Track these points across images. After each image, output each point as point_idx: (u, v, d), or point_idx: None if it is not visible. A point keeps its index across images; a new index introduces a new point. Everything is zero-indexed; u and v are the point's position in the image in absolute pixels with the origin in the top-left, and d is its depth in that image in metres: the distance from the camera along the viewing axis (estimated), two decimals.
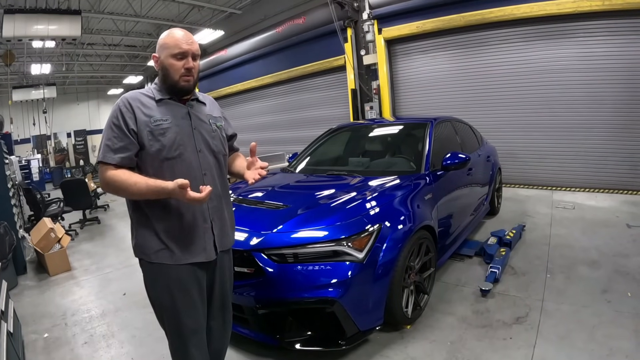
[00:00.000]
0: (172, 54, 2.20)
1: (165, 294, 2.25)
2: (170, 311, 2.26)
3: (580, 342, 3.22)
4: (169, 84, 2.24)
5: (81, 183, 9.45)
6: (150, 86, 2.34)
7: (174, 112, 2.25)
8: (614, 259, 4.79)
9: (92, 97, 27.72)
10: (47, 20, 11.02)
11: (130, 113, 2.15)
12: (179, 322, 2.26)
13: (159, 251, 2.19)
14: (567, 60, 8.17)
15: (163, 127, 2.18)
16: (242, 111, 16.66)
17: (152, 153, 2.15)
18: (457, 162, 4.47)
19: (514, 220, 6.42)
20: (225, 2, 13.76)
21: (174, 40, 2.21)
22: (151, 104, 2.22)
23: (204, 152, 2.30)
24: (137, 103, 2.19)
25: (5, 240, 5.38)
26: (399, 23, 10.31)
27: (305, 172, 5.26)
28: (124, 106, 2.16)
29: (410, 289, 3.61)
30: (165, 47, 2.22)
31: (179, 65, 2.20)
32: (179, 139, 2.20)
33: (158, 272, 2.23)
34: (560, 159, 8.54)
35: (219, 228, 2.37)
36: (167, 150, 2.17)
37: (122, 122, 2.13)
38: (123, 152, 2.12)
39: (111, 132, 2.14)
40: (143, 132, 2.14)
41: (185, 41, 2.20)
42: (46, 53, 16.51)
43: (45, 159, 23.66)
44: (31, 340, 4.07)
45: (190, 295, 2.26)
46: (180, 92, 2.27)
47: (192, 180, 2.16)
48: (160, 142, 2.16)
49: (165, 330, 2.35)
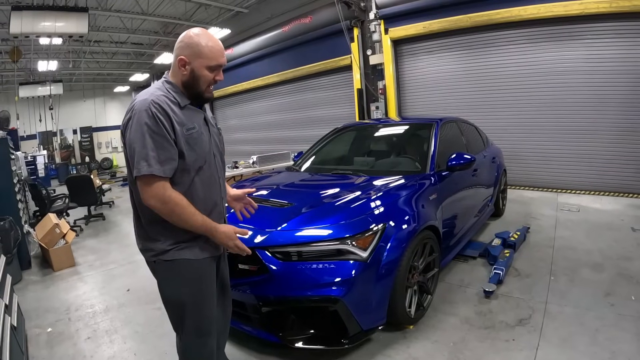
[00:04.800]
0: (208, 65, 2.13)
1: (186, 290, 2.22)
2: (192, 306, 2.24)
3: (583, 345, 3.21)
4: (195, 92, 2.18)
5: (87, 179, 9.49)
6: (163, 87, 2.17)
7: (197, 119, 2.20)
8: (617, 262, 4.78)
9: (99, 95, 27.80)
10: (54, 17, 11.05)
11: (167, 120, 2.02)
12: (200, 315, 2.26)
13: (182, 249, 2.16)
14: (573, 62, 8.15)
15: (194, 136, 2.13)
16: (248, 110, 16.70)
17: (189, 163, 2.11)
18: (462, 163, 4.46)
19: (518, 222, 6.41)
20: (232, 1, 13.76)
21: (212, 52, 2.13)
22: (178, 110, 2.11)
23: (217, 157, 2.33)
24: (169, 109, 2.05)
25: (10, 235, 5.40)
26: (405, 23, 10.31)
27: (310, 171, 5.27)
28: (160, 112, 2.01)
29: (414, 289, 3.61)
30: (200, 56, 2.12)
31: (211, 77, 2.16)
32: (206, 146, 2.21)
33: (178, 269, 2.19)
34: (566, 161, 8.52)
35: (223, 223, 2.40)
36: (200, 159, 2.16)
37: (164, 129, 2.00)
38: (170, 163, 2.03)
39: (152, 141, 1.98)
40: (181, 140, 2.06)
41: (222, 54, 2.18)
42: (53, 50, 16.57)
43: (51, 155, 23.71)
44: (34, 335, 4.09)
45: (211, 286, 2.30)
46: (202, 101, 2.24)
47: (213, 185, 2.24)
48: (195, 151, 2.13)
49: (182, 327, 2.28)
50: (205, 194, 2.22)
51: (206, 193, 2.22)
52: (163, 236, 2.16)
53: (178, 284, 2.22)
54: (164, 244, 2.16)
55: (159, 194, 2.01)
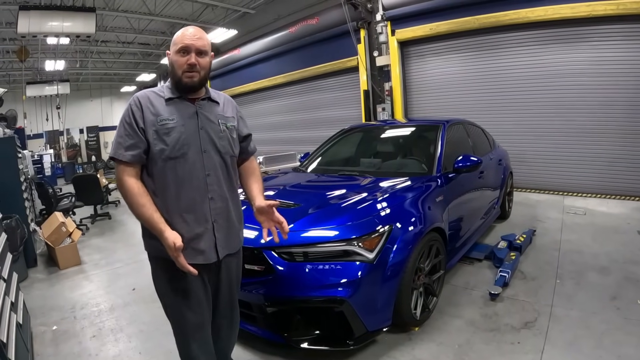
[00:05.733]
0: (176, 49, 2.21)
1: (167, 288, 2.28)
2: (172, 305, 2.30)
3: (588, 348, 3.20)
4: (175, 81, 2.26)
5: (93, 179, 9.53)
6: (164, 84, 2.35)
7: (182, 112, 2.24)
8: (624, 265, 4.75)
9: (105, 94, 27.97)
10: (62, 17, 11.11)
11: (140, 111, 2.18)
12: (181, 316, 2.29)
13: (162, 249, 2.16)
14: (580, 65, 8.11)
15: (168, 126, 2.18)
16: (254, 110, 16.70)
17: (155, 152, 2.17)
18: (469, 165, 4.45)
19: (524, 225, 6.39)
20: (239, 2, 13.81)
21: (179, 36, 2.22)
22: (160, 102, 2.23)
23: (209, 153, 2.27)
24: (146, 102, 2.22)
25: (17, 233, 5.41)
26: (412, 25, 10.29)
27: (316, 172, 5.27)
28: (135, 105, 2.20)
29: (420, 290, 3.60)
30: (172, 44, 2.25)
31: (183, 61, 2.19)
32: (183, 139, 2.20)
33: (162, 267, 2.26)
34: (572, 164, 8.49)
35: (224, 230, 2.34)
36: (170, 150, 2.17)
37: (133, 119, 2.17)
38: (133, 149, 2.15)
39: (123, 129, 2.18)
40: (149, 131, 2.17)
41: (190, 37, 2.19)
42: (60, 50, 16.68)
43: (58, 154, 23.83)
44: (40, 332, 4.11)
45: (193, 291, 2.28)
46: (184, 89, 2.25)
47: (194, 180, 2.20)
48: (164, 141, 2.17)
49: (171, 326, 2.38)
50: (179, 190, 2.20)
51: (180, 190, 2.20)
52: (150, 234, 2.23)
53: (161, 280, 2.31)
54: (150, 242, 2.26)
55: (118, 177, 2.19)
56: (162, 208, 2.17)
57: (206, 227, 2.26)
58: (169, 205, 2.18)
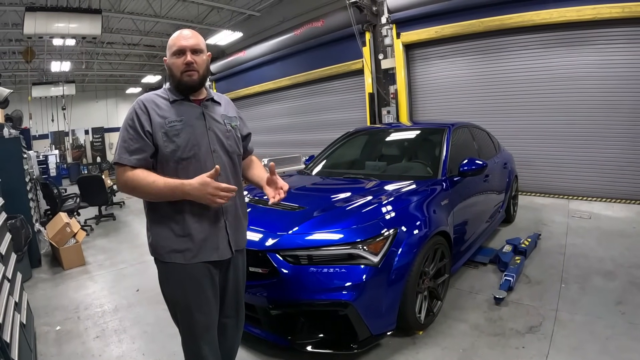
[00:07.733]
0: (172, 52, 2.24)
1: (178, 291, 2.27)
2: (183, 308, 2.28)
3: (593, 353, 3.18)
4: (175, 83, 2.28)
5: (98, 179, 9.54)
6: (165, 87, 2.37)
7: (188, 113, 2.26)
8: (629, 270, 4.73)
9: (111, 96, 28.04)
10: (68, 19, 11.17)
11: (145, 115, 2.18)
12: (192, 319, 2.28)
13: (171, 252, 2.21)
14: (586, 68, 8.07)
15: (177, 128, 2.19)
16: (259, 113, 16.73)
17: (166, 154, 2.17)
18: (474, 169, 4.43)
19: (529, 229, 6.37)
20: (244, 4, 13.84)
21: (173, 39, 2.25)
22: (165, 105, 2.25)
23: (218, 152, 2.30)
24: (151, 105, 2.22)
25: (21, 233, 5.43)
26: (417, 28, 10.27)
27: (321, 175, 5.27)
28: (139, 108, 2.19)
29: (424, 294, 3.59)
30: (168, 49, 2.28)
31: (180, 62, 2.22)
32: (193, 139, 2.21)
33: (171, 271, 2.25)
34: (577, 167, 8.44)
35: (234, 227, 2.37)
36: (182, 151, 2.18)
37: (138, 123, 2.16)
38: (139, 153, 2.15)
39: (127, 133, 2.17)
40: (158, 133, 2.17)
41: (183, 38, 2.23)
42: (66, 51, 16.74)
43: (63, 155, 23.93)
44: (43, 332, 4.12)
45: (203, 292, 2.28)
46: (186, 89, 2.27)
47: None
48: (175, 142, 2.18)
49: (179, 327, 2.37)
50: None
51: None
52: (159, 237, 2.24)
53: (170, 284, 2.29)
54: (159, 245, 2.25)
55: (122, 179, 2.17)
56: (176, 209, 2.19)
57: (219, 225, 2.29)
58: (182, 205, 2.19)
